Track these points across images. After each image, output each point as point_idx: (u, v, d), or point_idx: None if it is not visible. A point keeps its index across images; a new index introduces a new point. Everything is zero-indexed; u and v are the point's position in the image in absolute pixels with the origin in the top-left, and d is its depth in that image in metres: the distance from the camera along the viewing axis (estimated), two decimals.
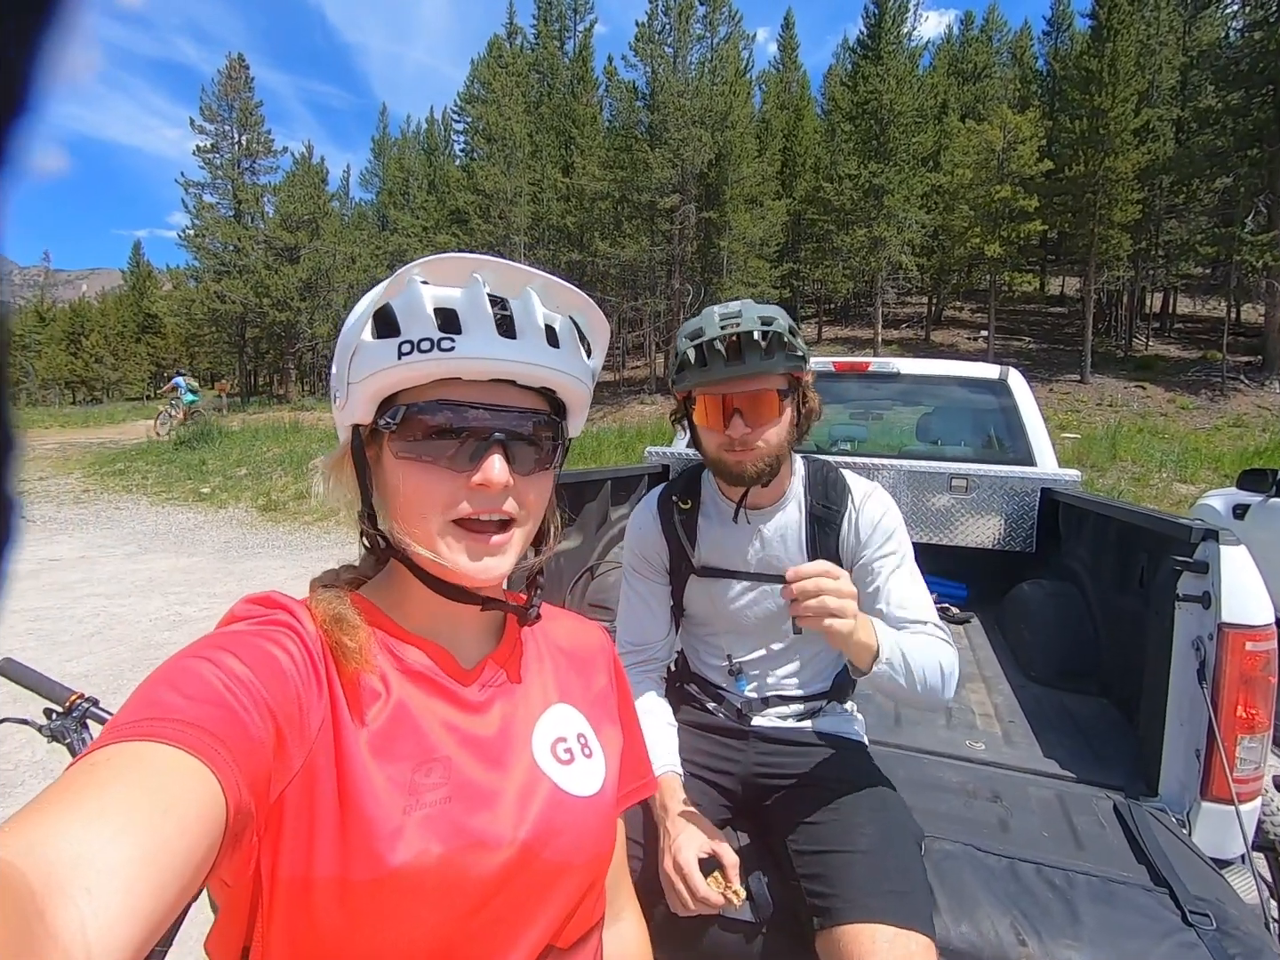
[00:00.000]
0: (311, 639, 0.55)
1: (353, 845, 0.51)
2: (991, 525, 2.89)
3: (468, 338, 0.55)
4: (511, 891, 0.58)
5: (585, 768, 0.66)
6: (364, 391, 0.58)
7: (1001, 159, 22.06)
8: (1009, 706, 1.99)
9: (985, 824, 1.35)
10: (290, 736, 0.50)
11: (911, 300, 31.88)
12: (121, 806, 0.37)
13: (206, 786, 0.41)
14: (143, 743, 0.41)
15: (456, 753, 0.58)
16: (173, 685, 0.46)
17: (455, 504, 0.57)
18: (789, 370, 1.18)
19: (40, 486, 11.12)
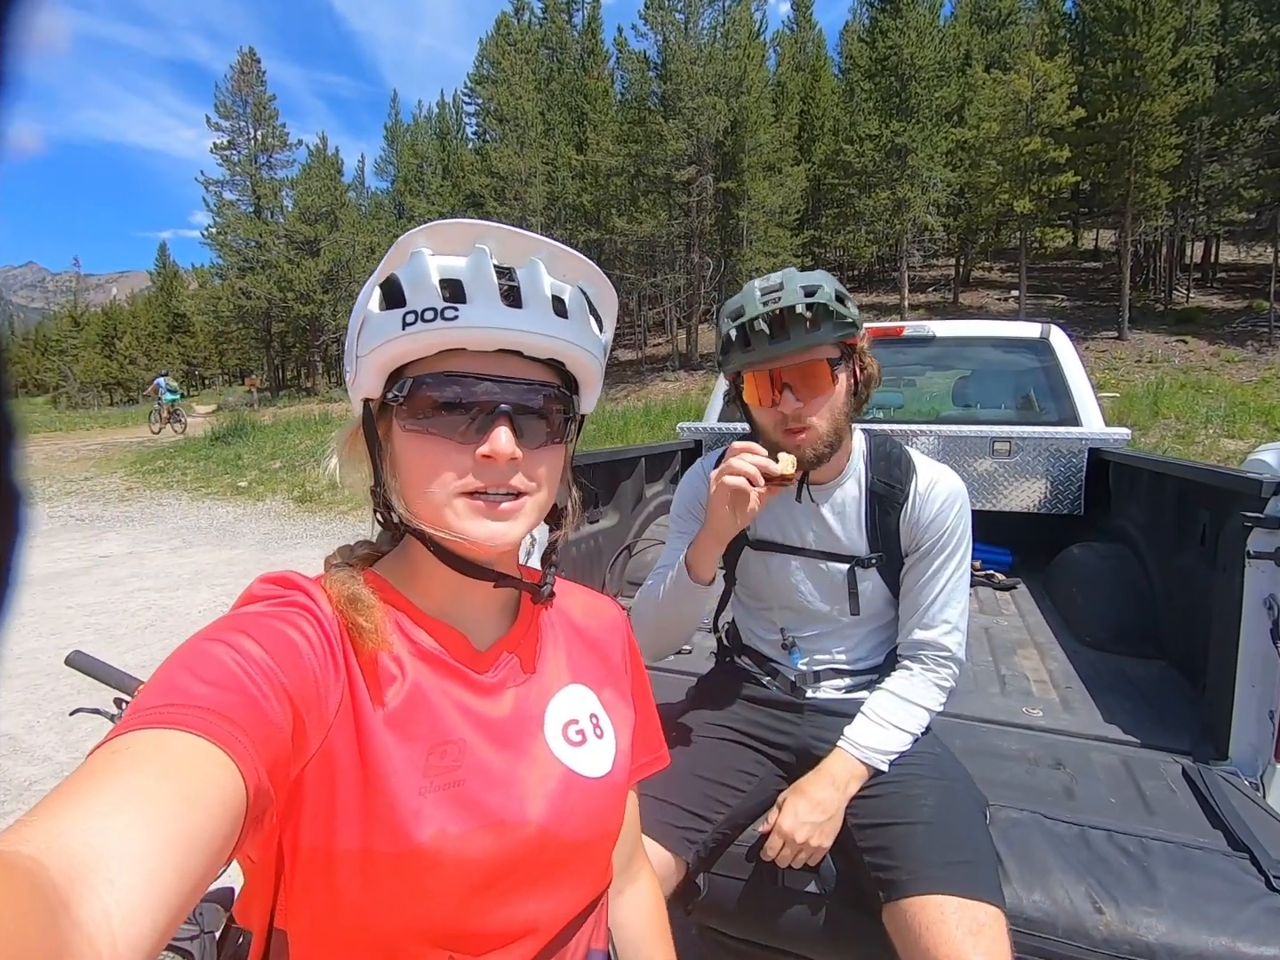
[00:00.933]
0: (328, 620, 0.55)
1: (375, 819, 0.52)
2: (1036, 488, 2.82)
3: (472, 307, 0.55)
4: (525, 870, 0.59)
5: (596, 748, 0.67)
6: (372, 364, 0.57)
7: (1030, 109, 21.20)
8: (1064, 672, 1.94)
9: (1050, 791, 1.32)
10: (308, 718, 0.50)
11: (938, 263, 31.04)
12: (141, 795, 0.37)
13: (226, 772, 0.41)
14: (162, 730, 0.41)
15: (470, 735, 0.59)
16: (191, 670, 0.46)
17: (462, 477, 0.57)
18: (840, 339, 1.12)
19: (86, 486, 11.48)
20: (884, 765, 1.12)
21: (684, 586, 1.14)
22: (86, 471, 12.89)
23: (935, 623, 1.20)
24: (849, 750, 1.13)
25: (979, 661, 2.02)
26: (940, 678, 1.20)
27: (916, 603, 1.21)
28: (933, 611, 1.20)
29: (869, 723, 1.15)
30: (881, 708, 1.17)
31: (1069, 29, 30.39)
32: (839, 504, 1.24)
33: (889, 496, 1.21)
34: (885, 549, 1.23)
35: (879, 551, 1.23)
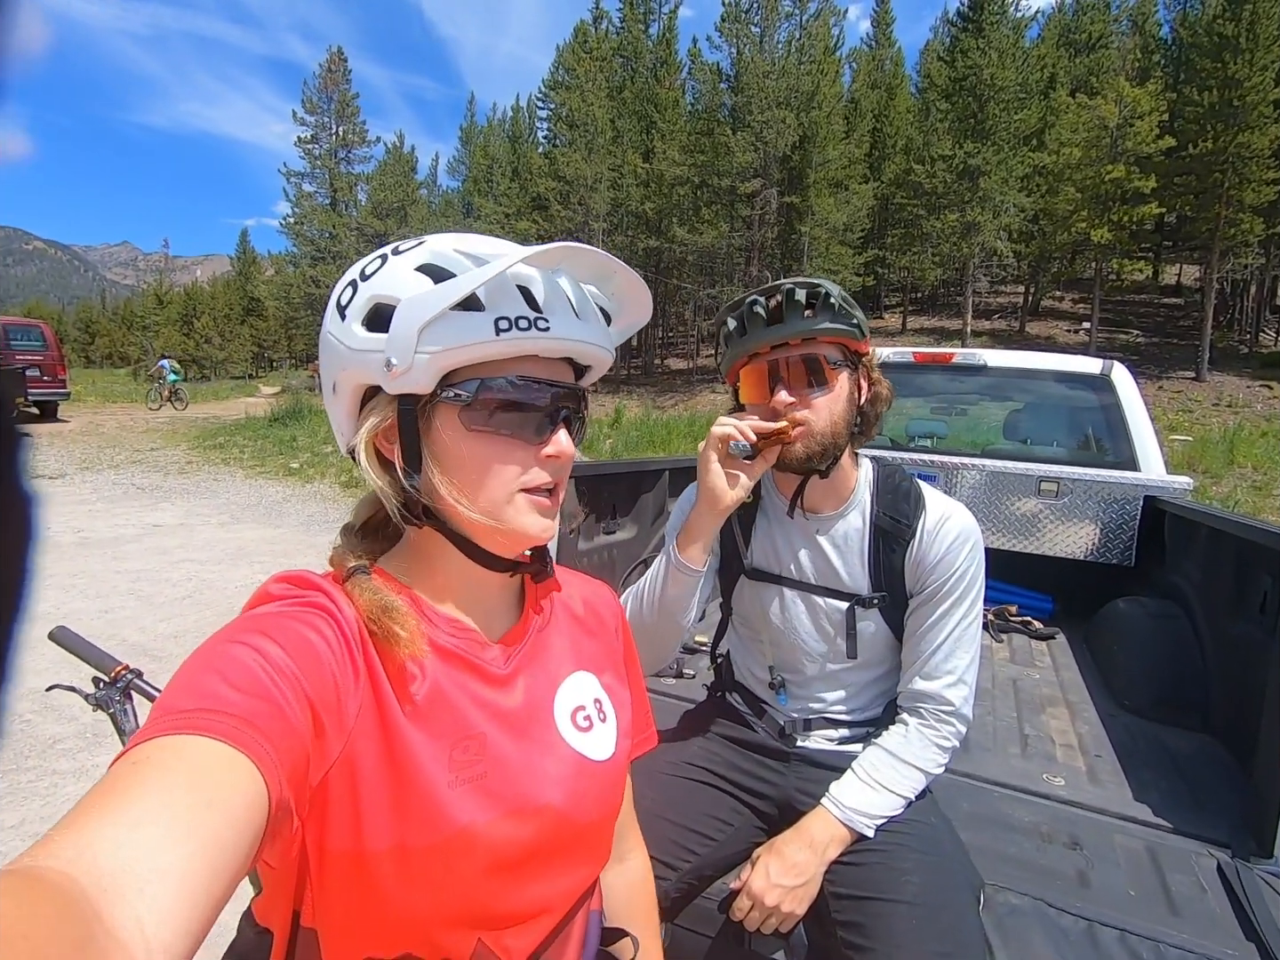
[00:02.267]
0: (348, 623, 0.56)
1: (409, 815, 0.53)
2: (1084, 534, 2.64)
3: (557, 318, 0.57)
4: (544, 850, 0.61)
5: (601, 732, 0.69)
6: (438, 363, 0.56)
7: (1115, 136, 20.40)
8: (1095, 737, 1.79)
9: (1060, 875, 1.19)
10: (328, 723, 0.51)
11: (1006, 289, 30.09)
12: (167, 805, 0.37)
13: (251, 780, 0.42)
14: (188, 736, 0.42)
15: (489, 728, 0.60)
16: (219, 673, 0.46)
17: (526, 473, 0.60)
18: (839, 336, 1.06)
19: (151, 457, 12.02)
20: (869, 830, 1.03)
21: (671, 570, 1.09)
22: (153, 442, 13.50)
23: (939, 673, 1.10)
24: (832, 811, 1.04)
25: (1001, 716, 1.88)
26: (941, 735, 1.10)
27: (919, 650, 1.12)
28: (936, 660, 1.10)
29: (857, 782, 1.07)
30: (872, 766, 1.08)
31: (1164, 55, 29.19)
32: (840, 537, 1.16)
33: (894, 532, 1.12)
34: (889, 588, 1.14)
35: (882, 590, 1.14)
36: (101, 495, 8.68)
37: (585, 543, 2.27)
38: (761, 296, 1.07)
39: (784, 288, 1.04)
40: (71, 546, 6.14)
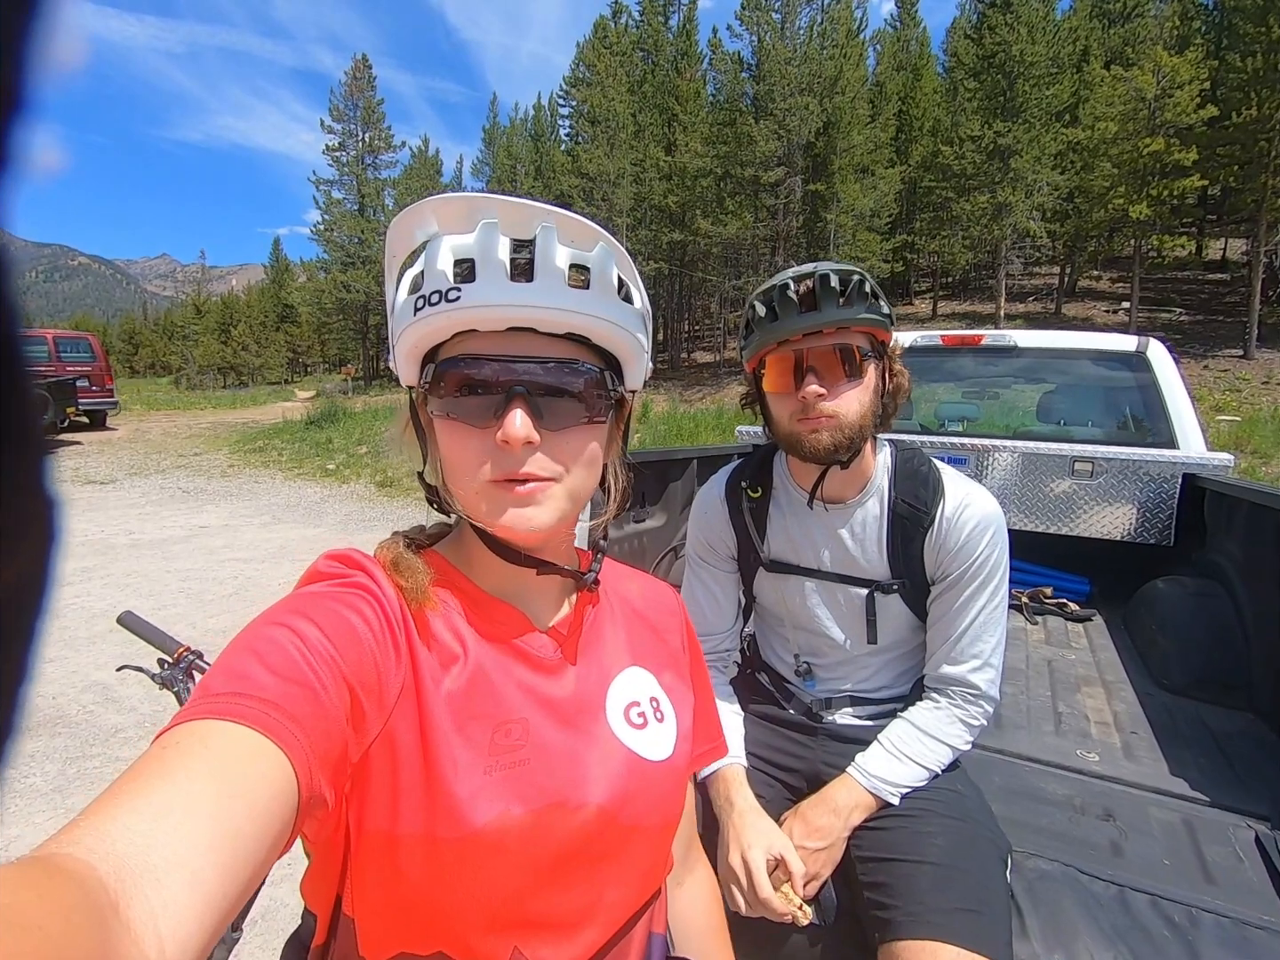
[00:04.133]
0: (390, 602, 0.55)
1: (438, 805, 0.52)
2: (1121, 514, 2.60)
3: (476, 285, 0.53)
4: (588, 853, 0.58)
5: (658, 732, 0.65)
6: (400, 351, 0.57)
7: (1153, 108, 19.67)
8: (1132, 715, 1.78)
9: (1093, 845, 1.20)
10: (368, 704, 0.50)
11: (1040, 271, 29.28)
12: (190, 794, 0.37)
13: (278, 768, 0.41)
14: (218, 721, 0.41)
15: (534, 714, 0.58)
16: (256, 654, 0.46)
17: (484, 464, 0.55)
18: (871, 326, 1.04)
19: (195, 461, 12.42)
20: (893, 798, 1.05)
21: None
22: (196, 447, 13.94)
23: (964, 658, 1.10)
24: (857, 778, 1.07)
25: (1035, 696, 1.88)
26: (968, 715, 1.11)
27: (944, 635, 1.12)
28: (961, 645, 1.10)
29: (883, 752, 1.09)
30: (898, 738, 1.09)
31: (1204, 21, 28.01)
32: (859, 524, 1.15)
33: (913, 518, 1.11)
34: (908, 575, 1.13)
35: (901, 577, 1.13)
36: (150, 499, 9.00)
37: (616, 531, 2.31)
38: (793, 281, 1.02)
39: (819, 272, 1.00)
40: (124, 548, 6.40)
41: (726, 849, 1.02)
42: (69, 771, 2.76)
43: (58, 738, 3.03)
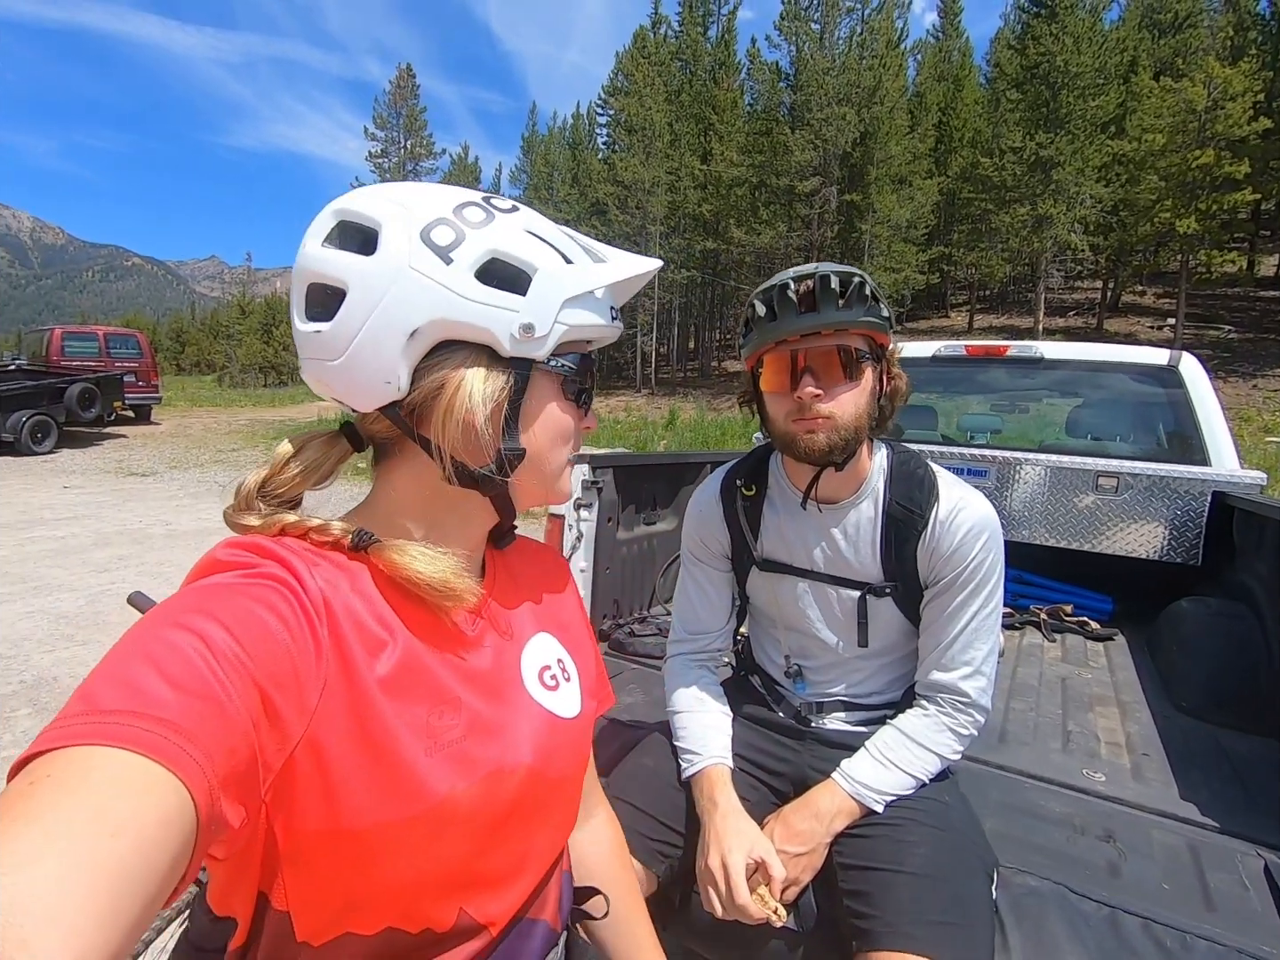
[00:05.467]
0: (310, 595, 0.51)
1: (387, 788, 0.52)
2: (1147, 532, 2.52)
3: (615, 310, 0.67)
4: (522, 809, 0.62)
5: (567, 691, 0.70)
6: (567, 335, 0.60)
7: (1204, 119, 19.16)
8: (1145, 737, 1.72)
9: (1089, 864, 1.16)
10: (285, 708, 0.47)
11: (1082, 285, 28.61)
12: (62, 837, 0.34)
13: (173, 796, 0.38)
14: (101, 748, 0.37)
15: (464, 690, 0.59)
16: (155, 664, 0.42)
17: (573, 441, 0.66)
18: (870, 329, 1.03)
19: (233, 456, 12.78)
20: (878, 805, 1.03)
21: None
22: (235, 443, 14.34)
23: (955, 664, 1.08)
24: (840, 784, 1.05)
25: (1044, 713, 1.83)
26: (957, 723, 1.08)
27: (935, 641, 1.10)
28: (952, 652, 1.08)
29: (869, 759, 1.07)
30: (885, 745, 1.08)
31: (1260, 31, 27.20)
32: (853, 525, 1.13)
33: (907, 521, 1.09)
34: (901, 578, 1.11)
35: (894, 580, 1.11)
36: (187, 491, 9.28)
37: (625, 532, 2.32)
38: (794, 282, 1.02)
39: (819, 273, 0.99)
40: (160, 538, 6.60)
41: (706, 850, 1.02)
42: None
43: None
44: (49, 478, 9.67)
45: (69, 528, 6.76)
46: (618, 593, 2.30)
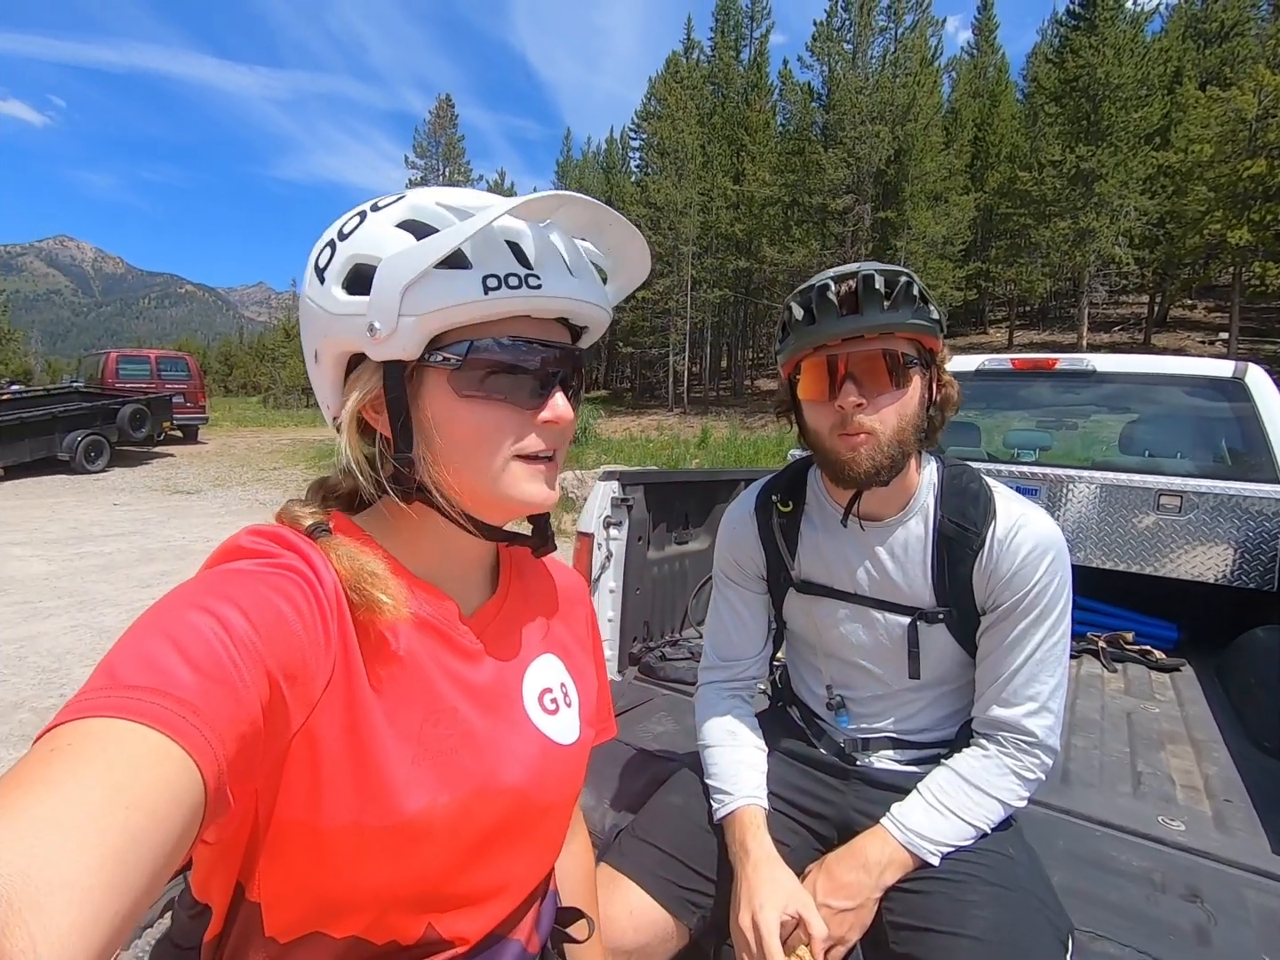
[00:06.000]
0: (325, 588, 0.52)
1: (366, 795, 0.51)
2: (1215, 554, 2.36)
3: (548, 275, 0.54)
4: (505, 833, 0.60)
5: (567, 717, 0.68)
6: (424, 326, 0.53)
7: (1254, 128, 18.58)
8: (1226, 780, 1.57)
9: (1174, 928, 1.04)
10: (290, 695, 0.48)
11: (1128, 299, 27.84)
12: (78, 805, 0.34)
13: (185, 775, 0.39)
14: (121, 721, 0.38)
15: (460, 702, 0.59)
16: (175, 643, 0.42)
17: (522, 440, 0.57)
18: (918, 332, 0.94)
19: (274, 475, 13.08)
20: (933, 858, 0.93)
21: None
22: (276, 462, 14.69)
23: (1018, 699, 0.98)
24: (892, 832, 0.95)
25: (1110, 751, 1.69)
26: (1022, 766, 0.98)
27: (995, 673, 1.00)
28: (1014, 685, 0.98)
29: (923, 804, 0.97)
30: (940, 789, 0.97)
31: None
32: (900, 544, 1.04)
33: (961, 540, 1.00)
34: (955, 602, 1.02)
35: (948, 605, 1.02)
36: (229, 509, 9.50)
37: (655, 552, 2.25)
38: (833, 281, 0.93)
39: (862, 273, 0.91)
40: (201, 554, 6.72)
41: (738, 907, 0.92)
42: None
43: None
44: (100, 495, 10.01)
45: (116, 544, 6.95)
46: (648, 614, 2.23)
